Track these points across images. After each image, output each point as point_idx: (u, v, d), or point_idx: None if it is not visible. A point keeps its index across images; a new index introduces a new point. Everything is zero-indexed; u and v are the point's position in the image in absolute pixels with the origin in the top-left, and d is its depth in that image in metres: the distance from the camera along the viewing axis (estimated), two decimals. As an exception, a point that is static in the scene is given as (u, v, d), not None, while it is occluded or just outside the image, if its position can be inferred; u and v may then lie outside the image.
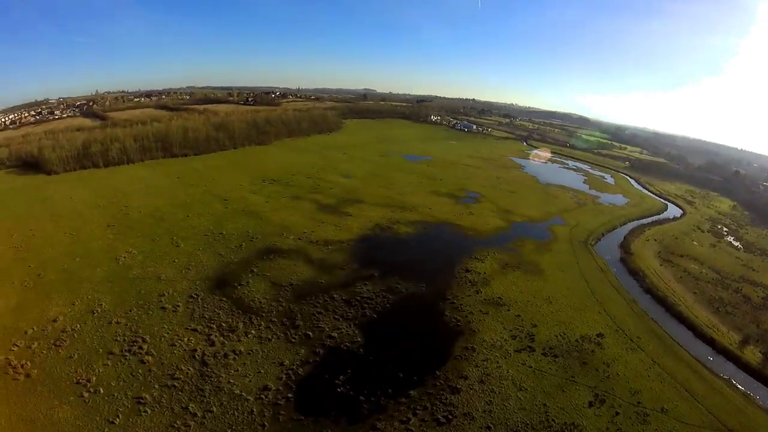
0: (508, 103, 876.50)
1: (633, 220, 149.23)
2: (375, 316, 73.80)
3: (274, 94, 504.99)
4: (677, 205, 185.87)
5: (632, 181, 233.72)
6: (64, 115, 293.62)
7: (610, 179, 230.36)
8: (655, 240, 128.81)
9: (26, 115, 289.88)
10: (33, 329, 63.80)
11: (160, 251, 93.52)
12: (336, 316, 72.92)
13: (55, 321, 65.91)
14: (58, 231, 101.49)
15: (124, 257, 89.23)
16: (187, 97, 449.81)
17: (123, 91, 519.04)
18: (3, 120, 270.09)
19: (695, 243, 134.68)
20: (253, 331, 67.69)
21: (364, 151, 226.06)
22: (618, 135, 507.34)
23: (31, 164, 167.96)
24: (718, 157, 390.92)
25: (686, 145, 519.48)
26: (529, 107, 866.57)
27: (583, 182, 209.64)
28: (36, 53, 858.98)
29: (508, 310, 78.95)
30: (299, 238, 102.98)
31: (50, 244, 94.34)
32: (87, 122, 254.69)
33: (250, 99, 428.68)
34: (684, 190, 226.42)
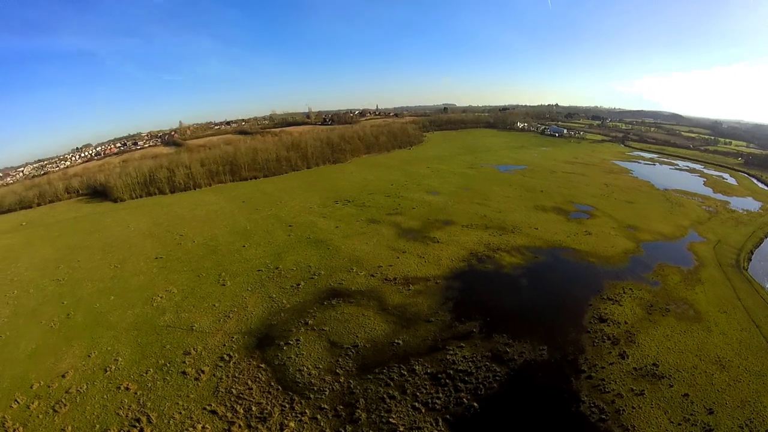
0: (592, 105, 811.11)
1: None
2: (475, 405, 47.32)
3: (353, 113, 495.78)
4: None
5: (756, 181, 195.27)
6: (146, 145, 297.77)
7: (731, 179, 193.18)
8: None
9: (111, 147, 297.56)
10: (40, 383, 54.34)
11: (202, 291, 76.78)
12: (416, 404, 47.67)
13: (63, 376, 55.42)
14: (104, 263, 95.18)
15: (161, 298, 75.40)
16: (267, 122, 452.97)
17: (210, 122, 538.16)
18: (89, 153, 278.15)
19: None
20: (292, 424, 44.94)
21: (450, 164, 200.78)
22: (716, 130, 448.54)
23: (99, 192, 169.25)
24: None
25: None
26: (607, 107, 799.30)
27: (704, 184, 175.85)
28: (128, 92, 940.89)
29: (671, 386, 49.80)
30: (372, 275, 78.59)
31: (91, 277, 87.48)
32: (163, 150, 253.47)
33: (327, 119, 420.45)
34: None
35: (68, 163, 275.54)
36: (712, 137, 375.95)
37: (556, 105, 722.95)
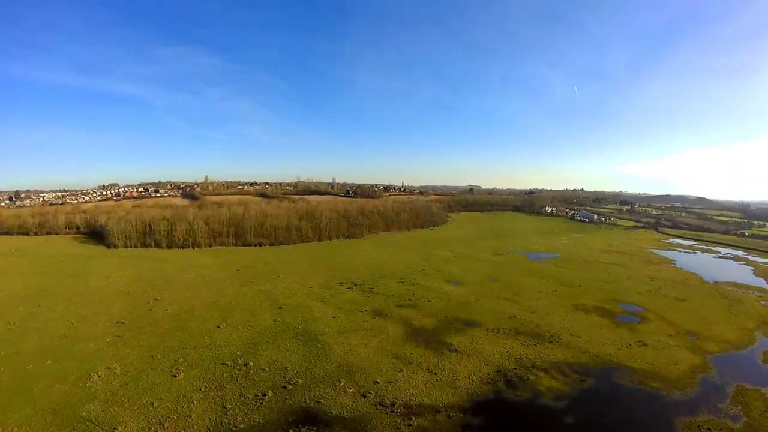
0: (617, 190, 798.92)
1: None
2: None
3: (377, 187, 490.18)
4: None
5: None
6: (165, 194, 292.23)
7: None
8: None
9: (133, 190, 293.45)
10: None
11: (147, 380, 61.44)
12: None
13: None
14: (63, 316, 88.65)
15: (98, 377, 62.10)
16: (290, 188, 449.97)
17: (236, 181, 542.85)
18: (111, 192, 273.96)
19: None
20: None
21: (475, 248, 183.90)
22: (747, 212, 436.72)
23: (97, 234, 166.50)
24: None
25: None
26: (631, 192, 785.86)
27: (754, 274, 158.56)
28: (169, 142, 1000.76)
29: None
30: (363, 394, 58.40)
31: (42, 330, 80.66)
32: (177, 201, 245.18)
33: (351, 191, 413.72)
34: None
35: (87, 198, 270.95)
36: (746, 220, 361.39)
37: (582, 189, 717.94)
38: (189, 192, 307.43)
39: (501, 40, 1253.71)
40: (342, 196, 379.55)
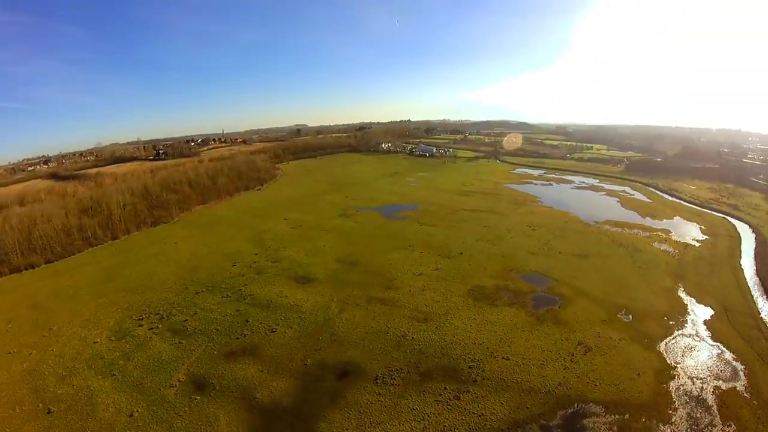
0: (441, 118, 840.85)
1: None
2: None
3: (194, 141, 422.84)
4: (743, 220, 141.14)
5: (659, 192, 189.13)
6: None
7: (638, 195, 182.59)
8: None
9: None
10: None
11: None
12: None
13: None
14: None
15: None
16: (92, 158, 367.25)
17: (26, 159, 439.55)
18: None
19: None
20: None
21: (315, 211, 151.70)
22: (568, 134, 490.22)
23: None
24: (666, 139, 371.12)
25: (629, 132, 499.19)
26: (455, 119, 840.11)
27: (622, 207, 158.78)
28: None
29: None
30: None
31: None
32: None
33: (161, 151, 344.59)
34: (706, 189, 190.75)
35: None
36: (574, 143, 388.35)
37: (409, 120, 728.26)
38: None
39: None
40: (151, 160, 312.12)
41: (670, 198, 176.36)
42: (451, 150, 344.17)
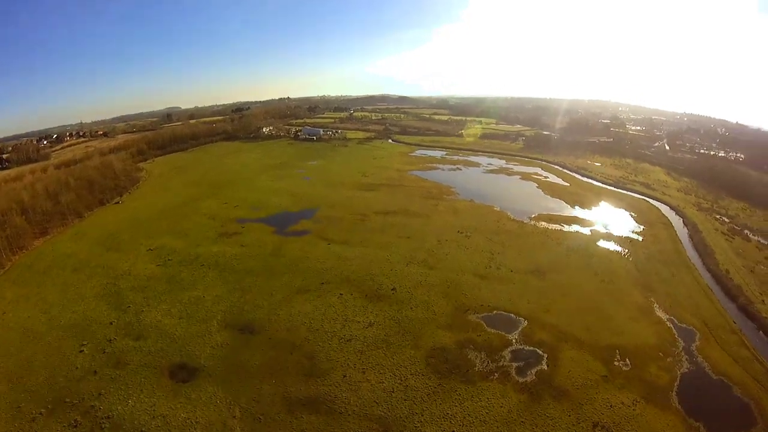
0: (321, 94, 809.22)
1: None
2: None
3: (46, 141, 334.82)
4: (663, 201, 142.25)
5: (575, 174, 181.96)
6: None
7: (554, 178, 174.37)
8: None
9: None
10: None
11: None
12: None
13: None
14: None
15: None
16: None
17: None
18: None
19: None
20: None
21: (189, 232, 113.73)
22: (449, 106, 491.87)
23: None
24: (549, 111, 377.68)
25: (508, 105, 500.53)
26: (335, 95, 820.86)
27: (545, 194, 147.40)
28: None
29: None
30: None
31: None
32: None
33: (4, 158, 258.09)
34: (610, 165, 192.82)
35: None
36: (462, 118, 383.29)
37: (288, 98, 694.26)
38: None
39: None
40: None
41: (583, 179, 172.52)
42: (339, 131, 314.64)
